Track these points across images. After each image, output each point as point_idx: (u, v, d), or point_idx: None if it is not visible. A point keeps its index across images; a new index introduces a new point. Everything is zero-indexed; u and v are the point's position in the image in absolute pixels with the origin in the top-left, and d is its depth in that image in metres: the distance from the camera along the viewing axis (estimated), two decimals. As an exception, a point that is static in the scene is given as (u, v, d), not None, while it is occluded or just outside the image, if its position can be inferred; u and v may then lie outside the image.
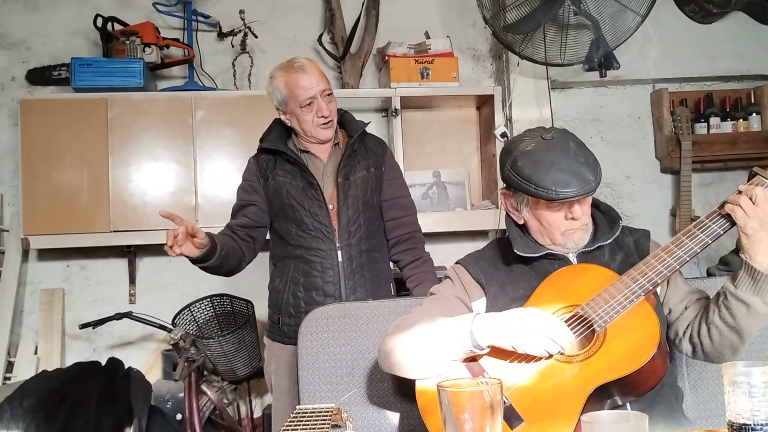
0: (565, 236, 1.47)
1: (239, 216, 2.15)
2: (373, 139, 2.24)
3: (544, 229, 1.49)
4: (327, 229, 2.08)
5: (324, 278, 2.08)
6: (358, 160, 2.16)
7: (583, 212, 1.46)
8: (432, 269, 2.22)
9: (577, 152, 1.42)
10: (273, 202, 2.13)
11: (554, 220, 1.46)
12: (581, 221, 1.46)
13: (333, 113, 2.09)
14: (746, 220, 1.30)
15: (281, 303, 2.12)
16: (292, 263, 2.11)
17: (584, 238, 1.50)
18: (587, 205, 1.49)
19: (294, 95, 2.04)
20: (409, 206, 2.25)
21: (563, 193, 1.37)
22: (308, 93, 2.03)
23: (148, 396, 2.62)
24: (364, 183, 2.14)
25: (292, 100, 2.05)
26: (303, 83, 2.03)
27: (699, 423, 1.64)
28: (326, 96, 2.06)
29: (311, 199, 2.09)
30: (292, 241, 2.11)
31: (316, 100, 2.04)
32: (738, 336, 1.36)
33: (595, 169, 1.42)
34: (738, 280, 1.34)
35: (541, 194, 1.39)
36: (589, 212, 1.50)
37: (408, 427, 1.68)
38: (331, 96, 2.09)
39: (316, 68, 2.08)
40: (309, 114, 2.05)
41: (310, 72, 2.05)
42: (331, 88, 2.11)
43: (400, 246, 2.21)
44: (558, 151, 1.41)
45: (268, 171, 2.13)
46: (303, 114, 2.05)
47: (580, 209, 1.44)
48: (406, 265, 2.21)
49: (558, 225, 1.46)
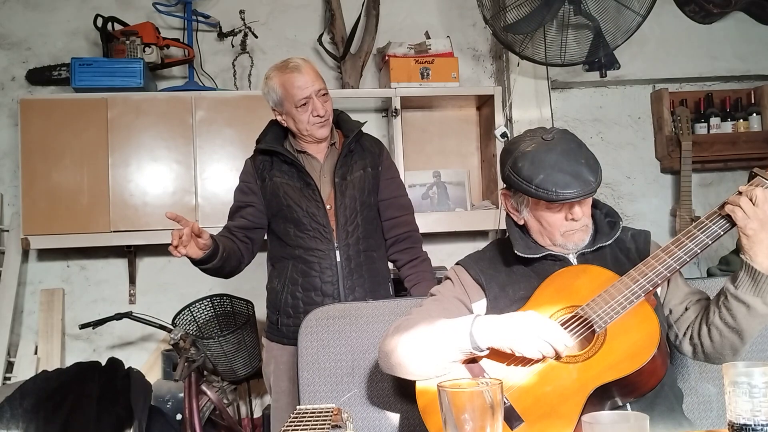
0: (565, 237, 1.47)
1: (237, 218, 2.15)
2: (369, 139, 2.24)
3: (544, 230, 1.49)
4: (325, 229, 2.08)
5: (322, 278, 2.08)
6: (355, 159, 2.16)
7: (583, 213, 1.46)
8: (430, 268, 2.22)
9: (578, 153, 1.42)
10: (270, 202, 2.13)
11: (554, 221, 1.46)
12: (581, 222, 1.46)
13: (329, 112, 2.09)
14: (746, 221, 1.30)
15: (280, 303, 2.12)
16: (291, 263, 2.11)
17: (584, 239, 1.50)
18: (587, 206, 1.49)
19: (289, 95, 2.04)
20: (407, 205, 2.25)
21: (563, 194, 1.37)
22: (303, 93, 2.03)
23: (148, 396, 2.62)
24: (361, 183, 2.14)
25: (287, 101, 2.06)
26: (298, 83, 2.03)
27: (699, 423, 1.64)
28: (321, 96, 2.07)
29: (309, 199, 2.09)
30: (290, 241, 2.11)
31: (312, 100, 2.04)
32: (738, 337, 1.36)
33: (596, 169, 1.41)
34: (738, 281, 1.34)
35: (541, 195, 1.39)
36: (589, 213, 1.50)
37: (408, 427, 1.68)
38: (327, 96, 2.10)
39: (311, 68, 2.08)
40: (304, 114, 2.05)
41: (305, 72, 2.05)
42: (327, 88, 2.11)
43: (397, 245, 2.21)
44: (558, 152, 1.41)
45: (265, 172, 2.13)
46: (298, 114, 2.05)
47: (581, 210, 1.44)
48: (404, 264, 2.21)
49: (558, 226, 1.46)
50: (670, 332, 1.50)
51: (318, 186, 2.10)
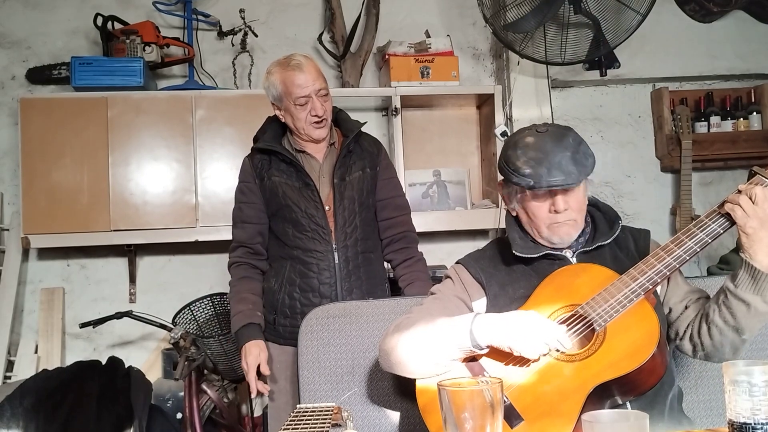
0: (550, 230, 1.48)
1: (247, 227, 2.13)
2: (368, 139, 2.23)
3: (531, 222, 1.50)
4: (324, 231, 2.07)
5: (320, 279, 2.07)
6: (354, 160, 2.14)
7: (567, 205, 1.45)
8: (424, 269, 2.21)
9: (567, 145, 1.43)
10: (270, 202, 2.11)
11: (539, 212, 1.47)
12: (565, 215, 1.46)
13: (327, 113, 2.08)
14: (746, 219, 1.30)
15: (277, 303, 2.11)
16: (289, 263, 2.10)
17: (571, 234, 1.49)
18: (575, 200, 1.47)
19: (289, 92, 2.03)
20: (403, 206, 2.23)
21: (540, 181, 1.40)
22: (303, 91, 2.02)
23: (148, 395, 2.62)
24: (360, 183, 2.13)
25: (287, 97, 2.04)
26: (299, 81, 2.01)
27: (699, 422, 1.64)
28: (322, 96, 2.05)
29: (308, 200, 2.07)
30: (288, 241, 2.10)
31: (311, 99, 2.03)
32: (738, 335, 1.36)
33: (582, 163, 1.42)
34: (738, 280, 1.34)
35: (521, 182, 1.42)
36: (578, 207, 1.48)
37: (408, 426, 1.68)
38: (327, 96, 2.08)
39: (313, 66, 2.06)
40: (303, 112, 2.04)
41: (307, 70, 2.03)
42: (328, 88, 2.09)
43: (393, 245, 2.20)
44: (547, 142, 1.43)
45: (264, 171, 2.11)
46: (297, 111, 2.04)
47: (563, 202, 1.44)
48: (399, 264, 2.20)
49: (543, 218, 1.47)
50: (670, 330, 1.50)
51: (317, 186, 2.09)
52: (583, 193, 1.49)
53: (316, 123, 2.06)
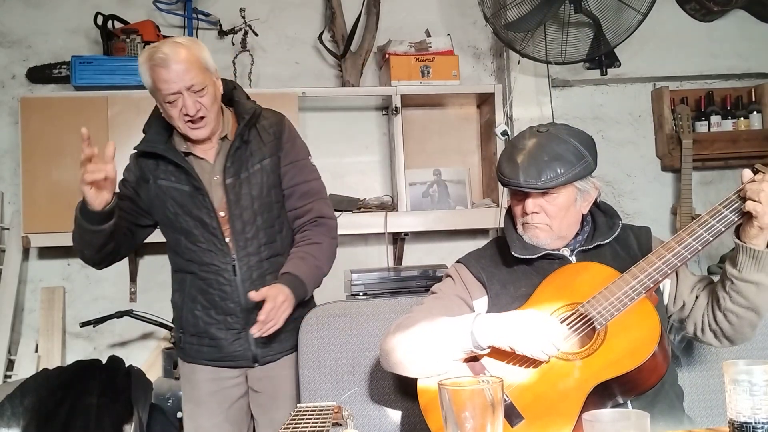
0: (524, 228, 1.52)
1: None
2: (269, 119, 1.90)
3: (514, 218, 1.55)
4: (219, 242, 1.82)
5: (222, 296, 1.84)
6: (250, 151, 1.85)
7: (541, 209, 1.46)
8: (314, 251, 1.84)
9: (550, 148, 1.44)
10: (157, 209, 1.87)
11: (515, 210, 1.53)
12: (538, 219, 1.47)
13: (203, 110, 1.76)
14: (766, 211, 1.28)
15: (181, 321, 1.92)
16: (189, 278, 1.89)
17: (542, 239, 1.49)
18: (553, 206, 1.46)
19: (157, 88, 1.75)
20: (312, 191, 1.91)
21: (506, 180, 1.46)
22: (170, 88, 1.72)
23: (148, 394, 2.62)
24: (258, 179, 1.84)
25: (156, 93, 1.77)
26: (163, 77, 1.71)
27: (700, 422, 1.64)
28: (195, 92, 1.73)
29: (199, 207, 1.82)
30: (183, 254, 1.88)
31: (182, 96, 1.73)
32: (755, 313, 1.39)
33: (555, 169, 1.41)
34: (739, 264, 1.35)
35: (498, 177, 1.50)
36: (556, 214, 1.47)
37: (409, 425, 1.68)
38: (203, 91, 1.74)
39: (183, 58, 1.71)
40: (174, 110, 1.75)
41: (174, 65, 1.70)
42: (211, 79, 1.78)
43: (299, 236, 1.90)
44: (533, 142, 1.46)
45: (149, 172, 1.86)
46: (168, 110, 1.77)
47: (534, 205, 1.46)
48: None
49: (518, 216, 1.52)
50: (687, 325, 1.49)
51: (208, 191, 1.82)
52: (567, 201, 1.47)
53: (191, 123, 1.77)
